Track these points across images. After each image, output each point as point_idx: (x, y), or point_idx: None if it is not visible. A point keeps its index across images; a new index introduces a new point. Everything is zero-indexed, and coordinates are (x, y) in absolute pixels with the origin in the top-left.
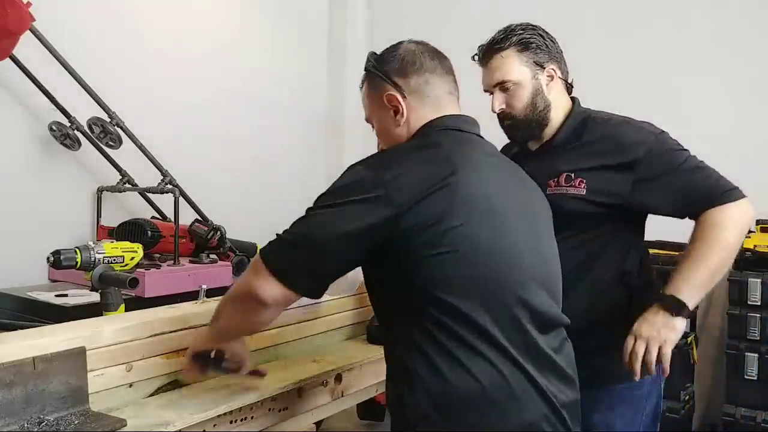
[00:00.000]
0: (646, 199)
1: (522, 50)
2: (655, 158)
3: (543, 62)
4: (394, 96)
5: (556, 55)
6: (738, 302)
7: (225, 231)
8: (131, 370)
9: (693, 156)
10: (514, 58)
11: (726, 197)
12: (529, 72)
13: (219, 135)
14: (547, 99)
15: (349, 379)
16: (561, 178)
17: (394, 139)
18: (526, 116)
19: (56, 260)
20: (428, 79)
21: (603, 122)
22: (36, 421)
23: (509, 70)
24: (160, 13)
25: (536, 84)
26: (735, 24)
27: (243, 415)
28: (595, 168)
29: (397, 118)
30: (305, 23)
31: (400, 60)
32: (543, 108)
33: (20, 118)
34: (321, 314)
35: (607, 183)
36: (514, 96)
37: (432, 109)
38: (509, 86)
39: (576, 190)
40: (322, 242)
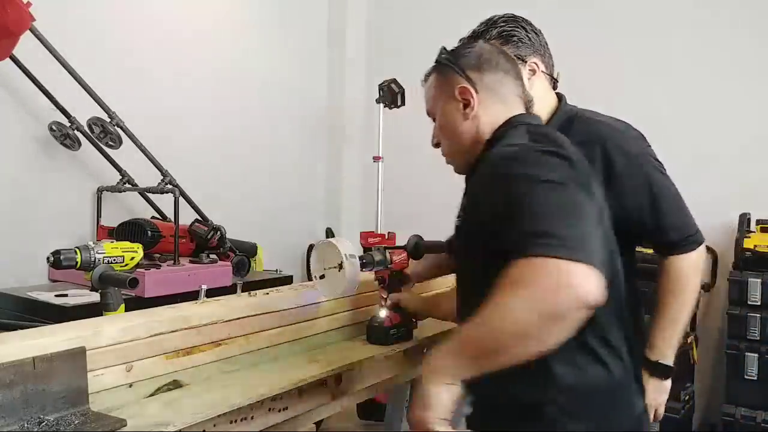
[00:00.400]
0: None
1: (503, 43)
2: (636, 170)
3: (524, 56)
4: (467, 89)
5: (540, 48)
6: (738, 302)
7: (225, 231)
8: (131, 370)
9: (672, 183)
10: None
11: (693, 243)
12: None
13: (219, 135)
14: (528, 94)
15: (349, 379)
16: None
17: (457, 134)
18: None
19: (56, 260)
20: (502, 78)
21: (590, 122)
22: (36, 421)
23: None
24: (160, 13)
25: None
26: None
27: (243, 415)
28: None
29: (467, 112)
30: (305, 23)
31: (477, 56)
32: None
33: (20, 118)
34: (321, 314)
35: None
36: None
37: (502, 107)
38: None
39: None
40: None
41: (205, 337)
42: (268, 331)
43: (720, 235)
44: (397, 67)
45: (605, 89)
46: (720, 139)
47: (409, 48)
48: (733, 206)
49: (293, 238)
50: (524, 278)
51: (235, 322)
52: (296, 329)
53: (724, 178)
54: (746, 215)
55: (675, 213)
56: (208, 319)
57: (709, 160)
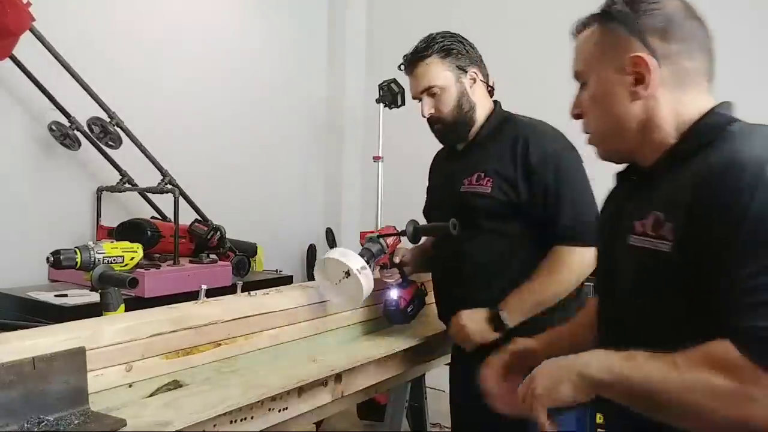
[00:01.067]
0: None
1: (444, 56)
2: (551, 169)
3: (465, 66)
4: (643, 60)
5: (476, 59)
6: None
7: (225, 231)
8: (131, 370)
9: (586, 185)
10: (437, 65)
11: (577, 240)
12: (453, 76)
13: (219, 135)
14: (471, 100)
15: (349, 379)
16: (474, 176)
17: (616, 114)
18: (454, 118)
19: (56, 260)
20: (693, 53)
21: (520, 125)
22: (36, 421)
23: (434, 76)
24: (161, 13)
25: (460, 87)
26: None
27: (243, 415)
28: (503, 168)
29: (637, 90)
30: (305, 23)
31: (666, 18)
32: (468, 109)
33: (20, 118)
34: (321, 314)
35: (510, 183)
36: (441, 100)
37: (689, 92)
38: (436, 91)
39: (483, 188)
40: None
41: (205, 337)
42: (268, 331)
43: None
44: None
45: None
46: None
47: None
48: None
49: (293, 238)
50: None
51: (235, 322)
52: (296, 329)
53: None
54: None
55: (567, 209)
56: (208, 319)
57: None
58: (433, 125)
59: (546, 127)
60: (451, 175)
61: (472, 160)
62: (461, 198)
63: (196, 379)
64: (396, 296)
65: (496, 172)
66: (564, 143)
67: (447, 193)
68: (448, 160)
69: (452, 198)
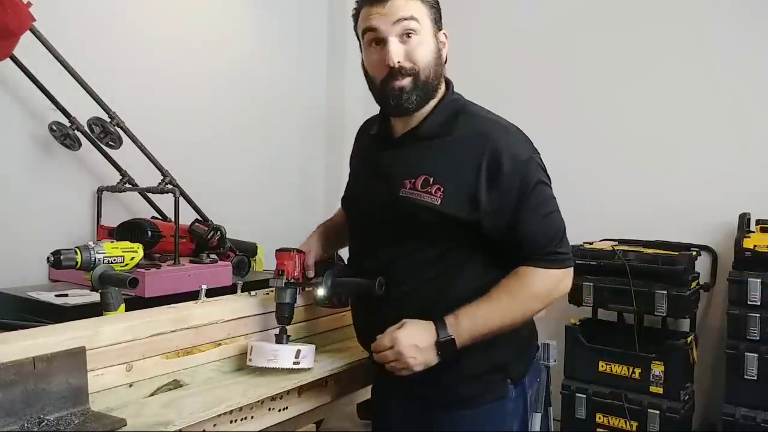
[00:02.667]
0: (487, 220)
1: (425, 2)
2: (516, 180)
3: (439, 22)
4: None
5: None
6: (738, 302)
7: (225, 231)
8: (131, 370)
9: (552, 197)
10: (419, 3)
11: (543, 260)
12: (432, 27)
13: (219, 135)
14: (440, 62)
15: (349, 379)
16: (418, 180)
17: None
18: (427, 77)
19: (56, 260)
20: None
21: (477, 119)
22: (36, 421)
23: (416, 11)
24: (161, 13)
25: (437, 43)
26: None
27: (243, 415)
28: (460, 175)
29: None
30: (305, 23)
31: None
32: (439, 75)
33: (20, 118)
34: (320, 314)
35: (468, 195)
36: (417, 48)
37: None
38: (412, 30)
39: (430, 199)
40: None
41: (205, 337)
42: (268, 331)
43: (720, 235)
44: None
45: (605, 89)
46: (720, 139)
47: None
48: (733, 206)
49: (293, 238)
50: None
51: (235, 322)
52: (296, 329)
53: (723, 178)
54: (746, 215)
55: (542, 227)
56: (208, 319)
57: (709, 159)
58: (399, 78)
59: (508, 124)
60: (386, 170)
61: (416, 156)
62: (399, 204)
63: (196, 379)
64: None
65: (450, 180)
66: (530, 145)
67: (379, 194)
68: (382, 148)
69: (386, 201)
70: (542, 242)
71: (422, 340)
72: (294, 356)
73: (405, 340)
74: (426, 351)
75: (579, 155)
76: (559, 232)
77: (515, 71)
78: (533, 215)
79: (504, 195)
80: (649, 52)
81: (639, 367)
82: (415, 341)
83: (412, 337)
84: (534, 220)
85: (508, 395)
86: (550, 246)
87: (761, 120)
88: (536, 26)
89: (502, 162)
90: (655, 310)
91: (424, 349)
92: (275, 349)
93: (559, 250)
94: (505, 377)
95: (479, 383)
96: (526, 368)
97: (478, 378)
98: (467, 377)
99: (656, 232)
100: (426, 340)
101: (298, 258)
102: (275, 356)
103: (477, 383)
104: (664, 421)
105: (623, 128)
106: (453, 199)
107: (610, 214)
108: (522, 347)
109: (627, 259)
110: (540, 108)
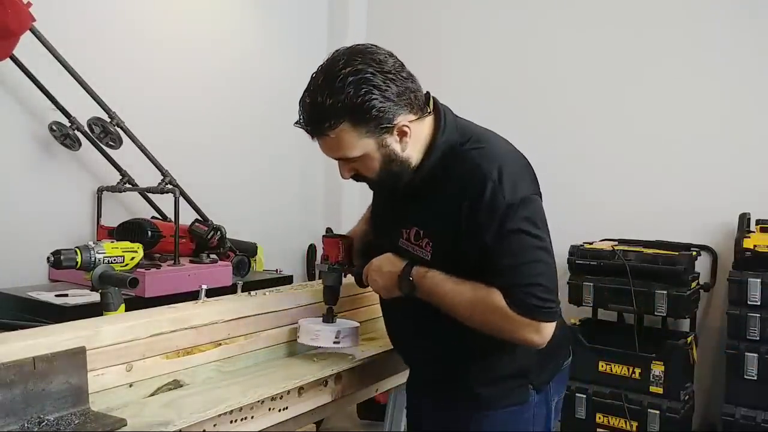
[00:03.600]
0: (473, 263)
1: (356, 123)
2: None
3: (388, 123)
4: None
5: (403, 96)
6: (738, 302)
7: (225, 231)
8: (131, 370)
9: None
10: (348, 133)
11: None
12: (374, 142)
13: (219, 135)
14: (403, 159)
15: (349, 379)
16: (411, 232)
17: None
18: (382, 179)
19: (56, 260)
20: None
21: (463, 162)
22: (36, 421)
23: (348, 146)
24: (161, 13)
25: (386, 151)
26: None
27: (243, 415)
28: (443, 227)
29: None
30: (306, 24)
31: None
32: (399, 169)
33: (20, 118)
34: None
35: (452, 246)
36: (362, 166)
37: None
38: (354, 160)
39: (421, 252)
40: None
41: (205, 337)
42: (268, 331)
43: (720, 235)
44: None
45: (605, 90)
46: (720, 139)
47: (408, 48)
48: (733, 206)
49: (293, 238)
50: None
51: (235, 322)
52: (296, 329)
53: (723, 178)
54: (746, 215)
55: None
56: (208, 319)
57: (709, 159)
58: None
59: (497, 162)
60: (391, 215)
61: (412, 206)
62: (400, 252)
63: (196, 379)
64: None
65: (438, 233)
66: (519, 186)
67: (386, 235)
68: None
69: (389, 244)
70: (519, 289)
71: (389, 267)
72: (334, 336)
73: (376, 263)
74: (386, 277)
75: (579, 155)
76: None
77: (516, 72)
78: (508, 261)
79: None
80: (649, 52)
81: (639, 367)
82: (382, 266)
83: (382, 263)
84: (508, 265)
85: (529, 401)
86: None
87: (761, 120)
88: (539, 26)
89: (478, 214)
90: (655, 310)
91: (386, 274)
92: (318, 329)
93: (534, 302)
94: (527, 383)
95: (499, 386)
96: (550, 376)
97: (498, 381)
98: (487, 379)
99: (656, 232)
100: (391, 268)
101: (342, 243)
102: (317, 336)
103: (497, 386)
104: (664, 421)
105: (623, 128)
106: (440, 251)
107: (610, 214)
108: (546, 355)
109: (627, 259)
110: (540, 108)
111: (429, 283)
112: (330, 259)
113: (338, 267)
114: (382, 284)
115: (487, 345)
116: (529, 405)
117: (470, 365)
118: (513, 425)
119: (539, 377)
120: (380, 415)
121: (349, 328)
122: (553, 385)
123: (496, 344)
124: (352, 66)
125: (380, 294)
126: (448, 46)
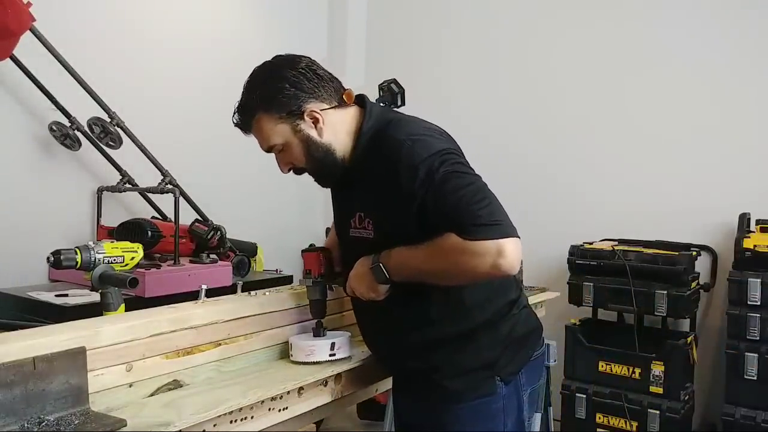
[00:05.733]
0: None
1: (268, 108)
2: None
3: (298, 109)
4: None
5: (316, 88)
6: (738, 302)
7: (225, 231)
8: (131, 370)
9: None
10: (266, 120)
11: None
12: (289, 128)
13: (219, 135)
14: (321, 144)
15: (349, 379)
16: (356, 218)
17: None
18: (314, 167)
19: (56, 260)
20: None
21: (384, 141)
22: (36, 421)
23: (269, 134)
24: (161, 13)
25: (302, 136)
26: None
27: (243, 415)
28: (378, 203)
29: None
30: (306, 24)
31: None
32: (323, 155)
33: (20, 118)
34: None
35: (392, 220)
36: (290, 156)
37: None
38: (279, 148)
39: (366, 233)
40: None
41: (205, 337)
42: (268, 331)
43: (720, 235)
44: (397, 67)
45: (605, 90)
46: (720, 139)
47: (409, 48)
48: (733, 206)
49: (293, 238)
50: None
51: (235, 322)
52: (296, 329)
53: (723, 178)
54: (746, 215)
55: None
56: (208, 319)
57: (709, 159)
58: (299, 173)
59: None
60: (340, 210)
61: (353, 195)
62: (352, 243)
63: (196, 379)
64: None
65: (375, 209)
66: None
67: (342, 229)
68: (338, 186)
69: (345, 240)
70: (465, 218)
71: (361, 268)
72: (329, 349)
73: (352, 273)
74: (363, 278)
75: (579, 155)
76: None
77: (516, 72)
78: (447, 202)
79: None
80: (649, 53)
81: (639, 367)
82: (357, 271)
83: (356, 269)
84: (448, 205)
85: (497, 392)
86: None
87: (761, 120)
88: (539, 27)
89: (400, 179)
90: (655, 310)
91: (362, 276)
92: (311, 345)
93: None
94: (493, 375)
95: (466, 379)
96: (518, 367)
97: (465, 374)
98: (453, 373)
99: (656, 232)
100: (363, 269)
101: (323, 256)
102: (312, 351)
103: (464, 379)
104: (664, 421)
105: (623, 128)
106: (382, 228)
107: (610, 214)
108: (512, 346)
109: (627, 259)
110: (540, 109)
111: (394, 260)
112: (312, 273)
113: (321, 280)
114: (365, 286)
115: (450, 337)
116: (497, 396)
117: (436, 359)
118: (483, 416)
119: (506, 368)
120: (380, 415)
121: (343, 338)
122: (523, 376)
123: (459, 336)
124: (268, 67)
125: (370, 298)
126: (448, 46)
